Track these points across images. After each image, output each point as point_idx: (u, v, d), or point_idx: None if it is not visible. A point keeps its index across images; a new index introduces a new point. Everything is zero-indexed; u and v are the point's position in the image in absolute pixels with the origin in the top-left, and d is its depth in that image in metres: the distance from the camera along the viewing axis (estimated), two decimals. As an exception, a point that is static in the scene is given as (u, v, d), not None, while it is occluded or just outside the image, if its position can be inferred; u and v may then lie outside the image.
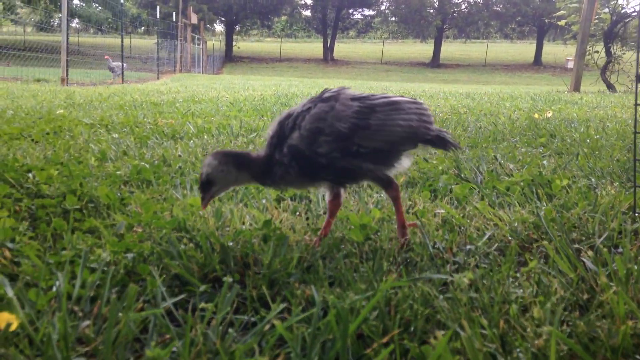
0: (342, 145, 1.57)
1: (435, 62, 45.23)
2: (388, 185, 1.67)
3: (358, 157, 1.60)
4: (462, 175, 2.52)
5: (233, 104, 7.22)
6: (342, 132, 1.56)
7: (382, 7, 52.19)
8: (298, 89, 13.33)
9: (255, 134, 4.02)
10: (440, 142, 1.70)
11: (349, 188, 1.87)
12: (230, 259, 1.38)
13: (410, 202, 2.08)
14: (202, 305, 1.08)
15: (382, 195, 2.11)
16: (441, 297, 1.18)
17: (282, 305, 1.11)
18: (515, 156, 3.00)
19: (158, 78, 19.90)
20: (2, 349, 0.92)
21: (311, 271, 1.36)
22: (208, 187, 1.59)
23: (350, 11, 53.42)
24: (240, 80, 20.18)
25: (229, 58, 47.30)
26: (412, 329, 1.11)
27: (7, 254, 1.36)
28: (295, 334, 1.01)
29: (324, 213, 1.93)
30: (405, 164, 1.73)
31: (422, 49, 51.49)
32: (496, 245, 1.63)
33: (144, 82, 16.46)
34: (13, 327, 0.93)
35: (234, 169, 1.59)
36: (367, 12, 54.00)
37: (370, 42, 63.66)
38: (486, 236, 1.66)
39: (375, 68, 42.63)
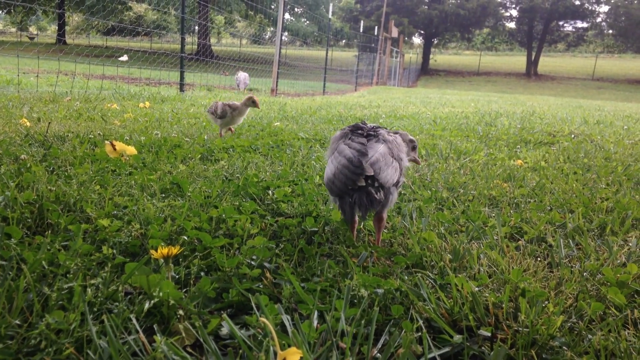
0: None
1: (657, 80, 40.22)
2: None
3: None
4: None
5: (435, 121, 7.16)
6: None
7: (598, 19, 47.92)
8: (499, 105, 12.76)
9: (467, 157, 3.91)
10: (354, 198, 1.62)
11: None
12: (480, 307, 1.31)
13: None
14: (471, 364, 1.03)
15: (635, 245, 1.88)
16: None
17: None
18: None
19: (355, 90, 20.58)
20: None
21: (573, 334, 1.23)
22: None
23: (561, 23, 49.85)
24: (435, 94, 20.00)
25: (425, 71, 47.36)
26: None
27: (268, 275, 1.46)
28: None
29: (552, 259, 1.77)
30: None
31: (642, 65, 46.12)
32: None
33: (343, 94, 17.13)
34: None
35: None
36: (579, 24, 49.80)
37: (580, 57, 58.68)
38: None
39: (585, 84, 39.20)
